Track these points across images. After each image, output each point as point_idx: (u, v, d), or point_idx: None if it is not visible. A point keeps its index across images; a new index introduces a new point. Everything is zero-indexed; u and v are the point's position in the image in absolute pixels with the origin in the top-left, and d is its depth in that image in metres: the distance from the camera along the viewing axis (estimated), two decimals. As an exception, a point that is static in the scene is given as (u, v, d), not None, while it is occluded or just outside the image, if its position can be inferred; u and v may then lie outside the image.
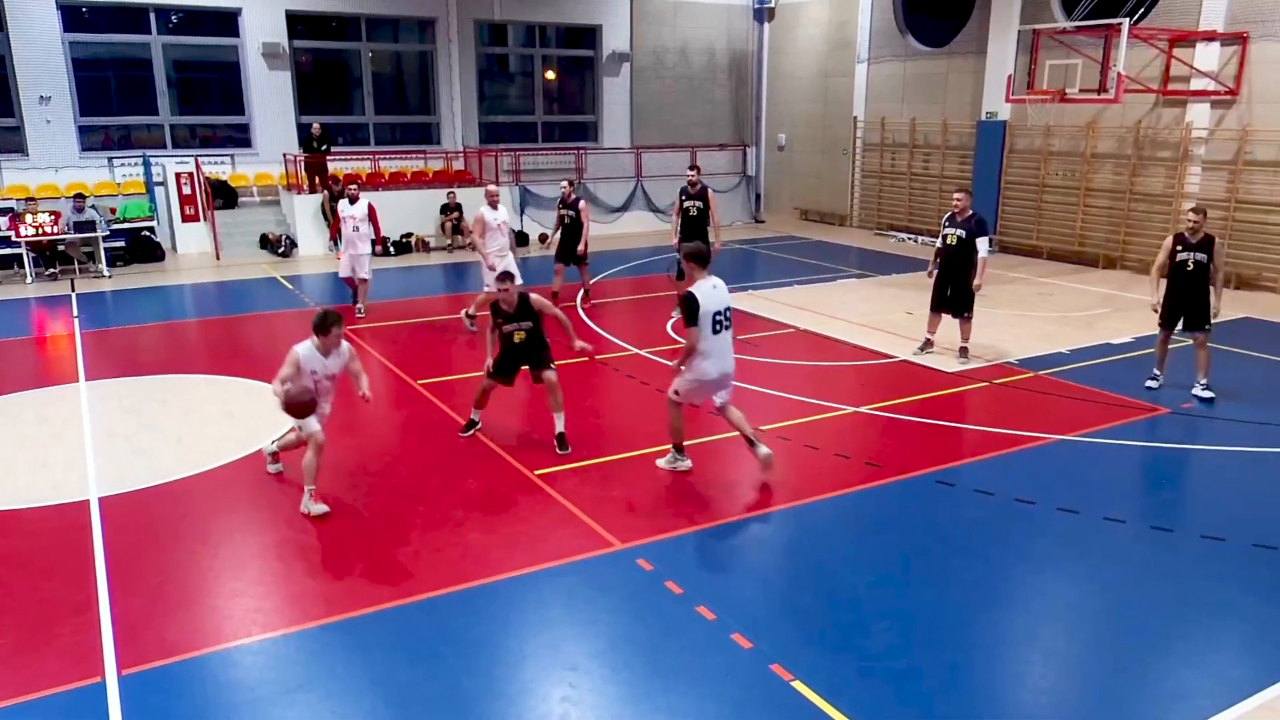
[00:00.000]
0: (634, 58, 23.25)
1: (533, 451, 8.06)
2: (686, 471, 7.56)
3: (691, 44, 23.88)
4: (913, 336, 11.55)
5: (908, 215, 21.14)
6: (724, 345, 7.17)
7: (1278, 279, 14.81)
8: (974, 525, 6.74)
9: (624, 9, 22.98)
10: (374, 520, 6.79)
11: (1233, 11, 15.00)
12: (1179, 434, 8.66)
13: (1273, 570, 6.08)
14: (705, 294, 6.99)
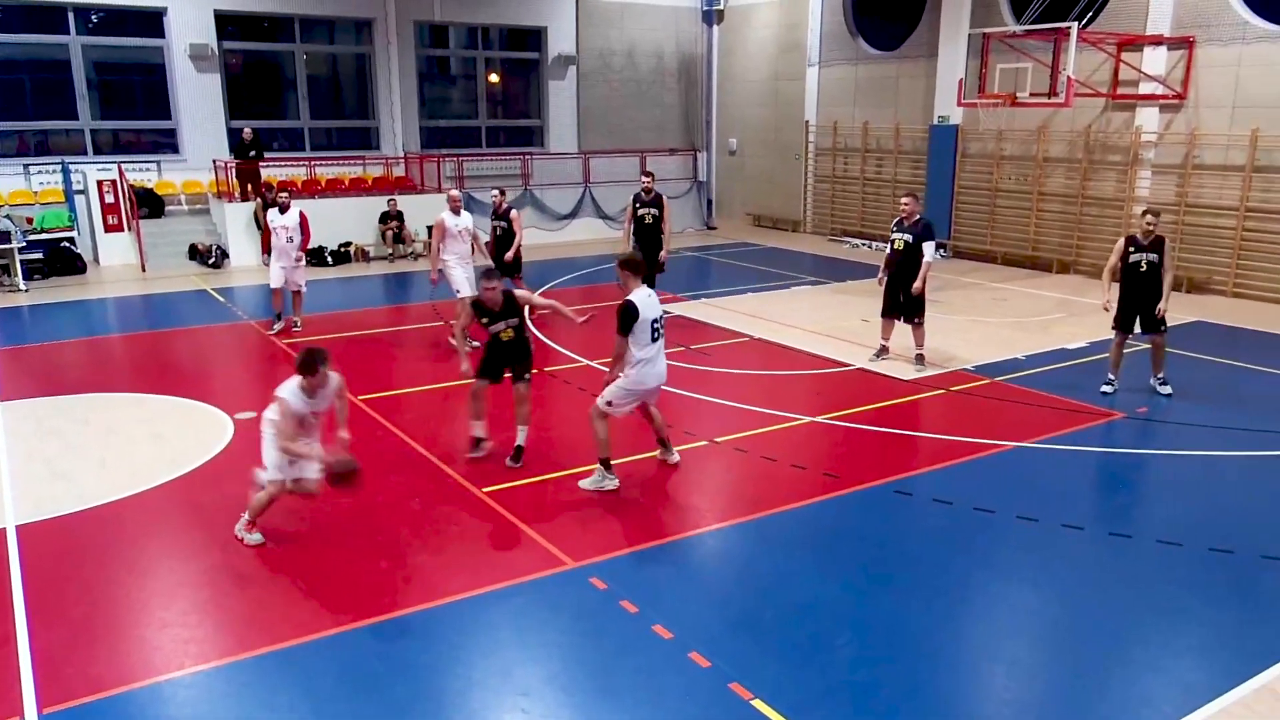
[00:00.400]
0: (580, 60, 23.29)
1: (480, 467, 7.99)
2: (615, 491, 7.51)
3: (639, 46, 24.00)
4: (869, 344, 11.70)
5: (861, 220, 21.43)
6: (661, 353, 7.43)
7: (1228, 282, 15.28)
8: (934, 535, 6.83)
9: (569, 10, 23.03)
10: (313, 543, 6.67)
11: (1178, 16, 15.49)
12: (1134, 439, 8.88)
13: (1228, 574, 6.25)
14: (642, 302, 7.18)
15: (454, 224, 11.84)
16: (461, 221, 11.88)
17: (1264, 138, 14.57)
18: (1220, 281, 15.37)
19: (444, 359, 11.62)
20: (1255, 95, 14.70)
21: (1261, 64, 14.61)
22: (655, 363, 7.37)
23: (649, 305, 7.24)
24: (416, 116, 21.87)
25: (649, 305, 7.24)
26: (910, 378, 10.58)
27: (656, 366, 7.39)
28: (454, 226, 11.83)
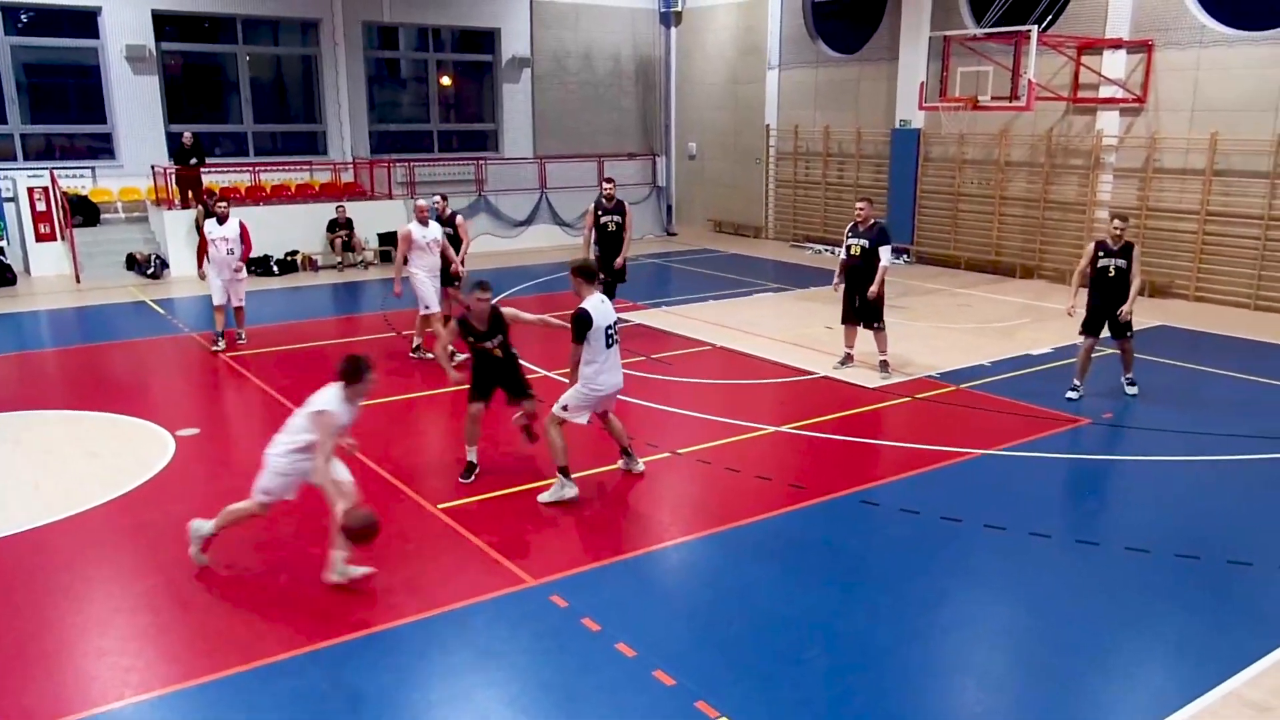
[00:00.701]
0: (535, 63, 23.28)
1: (435, 483, 7.92)
2: (574, 499, 7.51)
3: (596, 48, 24.05)
4: (833, 351, 11.79)
5: (824, 226, 21.62)
6: (617, 359, 7.54)
7: (1189, 286, 15.63)
8: (902, 545, 6.88)
9: (523, 12, 23.02)
10: (260, 564, 6.56)
11: (1137, 19, 15.85)
12: (1101, 445, 9.03)
13: (1195, 580, 6.37)
14: (596, 309, 7.34)
15: (421, 235, 11.47)
16: (430, 233, 11.53)
17: (1223, 141, 14.93)
18: (1182, 286, 15.70)
19: (396, 372, 11.52)
20: (1214, 99, 15.07)
21: (1219, 68, 14.99)
22: (611, 369, 7.49)
23: (603, 312, 7.38)
24: (365, 120, 21.71)
25: (603, 312, 7.38)
26: (875, 385, 10.67)
27: (613, 373, 7.52)
28: (422, 238, 11.46)
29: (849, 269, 10.94)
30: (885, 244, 10.73)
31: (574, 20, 23.67)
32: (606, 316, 7.39)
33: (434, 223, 11.75)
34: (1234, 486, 8.04)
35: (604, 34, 24.12)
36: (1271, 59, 14.40)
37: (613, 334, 7.42)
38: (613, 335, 7.42)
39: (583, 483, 7.85)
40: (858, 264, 10.82)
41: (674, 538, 7.01)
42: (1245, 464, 8.44)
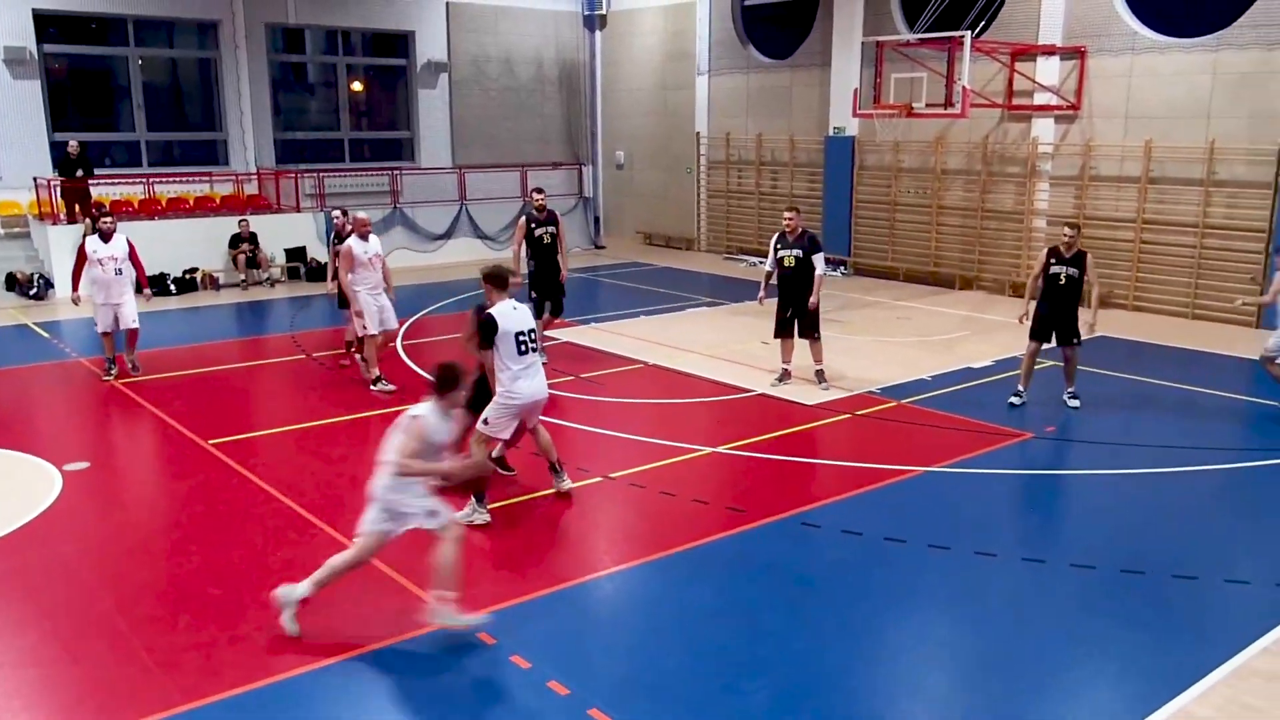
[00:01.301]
0: (452, 67, 23.19)
1: (349, 514, 7.77)
2: (485, 526, 7.50)
3: (517, 53, 24.06)
4: (770, 367, 11.90)
5: (758, 237, 21.86)
6: (531, 368, 7.60)
7: (1128, 295, 16.16)
8: (844, 569, 6.96)
9: (438, 14, 22.93)
10: (158, 608, 6.36)
11: (1069, 25, 16.41)
12: (1044, 459, 9.27)
13: (1141, 595, 6.56)
14: (504, 314, 7.48)
15: (363, 250, 11.14)
16: (371, 247, 11.24)
17: (1157, 149, 15.51)
18: (1121, 295, 16.23)
19: (308, 396, 11.33)
20: (1147, 106, 15.66)
21: (1151, 74, 15.59)
22: (528, 377, 7.56)
23: (511, 317, 7.50)
24: (270, 128, 21.36)
25: (511, 317, 7.50)
26: (814, 402, 10.81)
27: (530, 381, 7.57)
28: (364, 253, 11.14)
29: (782, 280, 11.12)
30: (818, 252, 11.00)
31: (493, 23, 23.65)
32: (517, 322, 7.50)
33: (374, 237, 11.46)
34: (1176, 498, 8.31)
35: (525, 37, 24.14)
36: (1201, 66, 15.02)
37: (526, 340, 7.51)
38: (526, 342, 7.52)
39: (509, 510, 7.80)
40: (790, 275, 11.01)
41: (608, 566, 6.98)
42: (1187, 475, 8.74)
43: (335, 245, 12.58)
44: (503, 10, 23.66)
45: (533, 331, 7.61)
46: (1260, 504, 8.43)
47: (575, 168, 24.91)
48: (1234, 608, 6.45)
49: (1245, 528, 7.89)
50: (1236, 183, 14.85)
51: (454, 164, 23.19)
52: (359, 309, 11.18)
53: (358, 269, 11.12)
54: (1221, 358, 13.04)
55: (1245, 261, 14.74)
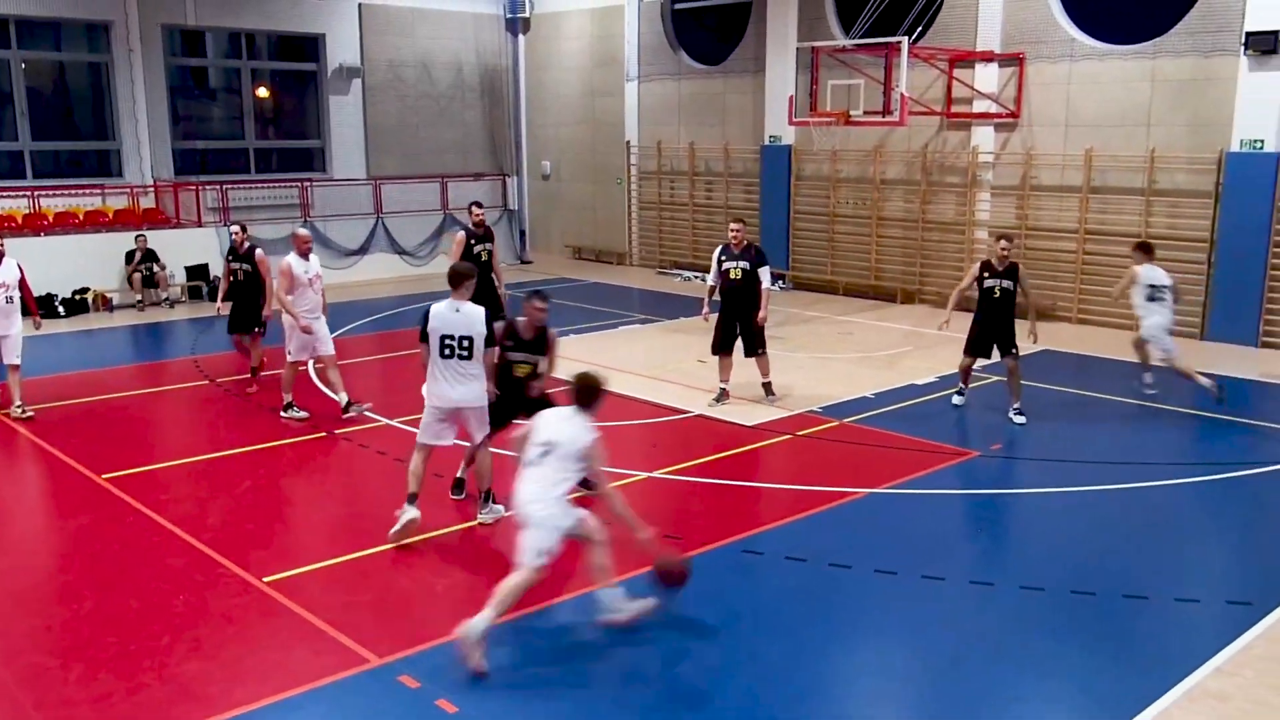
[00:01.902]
0: (366, 72, 23.00)
1: (260, 552, 7.62)
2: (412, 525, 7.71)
3: (435, 57, 23.95)
4: (707, 387, 11.96)
5: (693, 251, 22.02)
6: (450, 373, 7.75)
7: (1072, 308, 16.59)
8: (788, 597, 7.00)
9: (351, 16, 22.73)
10: (47, 660, 6.15)
11: (1007, 31, 16.87)
12: (991, 478, 9.44)
13: (1092, 617, 6.71)
14: (438, 313, 7.74)
15: (303, 270, 10.84)
16: (312, 267, 10.98)
17: (1098, 157, 15.99)
18: (1064, 308, 16.66)
19: (212, 425, 11.10)
20: (1087, 114, 16.14)
21: (1090, 81, 16.08)
22: (444, 381, 7.76)
23: (444, 318, 7.70)
24: (168, 137, 20.93)
25: (444, 318, 7.70)
26: (754, 423, 10.88)
27: (441, 384, 7.78)
28: (303, 273, 10.84)
29: (727, 293, 11.26)
30: (765, 265, 11.23)
31: (409, 26, 23.52)
32: (447, 324, 7.68)
33: (313, 256, 11.15)
34: (1125, 515, 8.53)
35: (444, 41, 24.05)
36: (1140, 73, 15.55)
37: (451, 345, 7.66)
38: (451, 347, 7.66)
39: (436, 544, 7.76)
40: (736, 288, 11.15)
41: (539, 601, 6.92)
42: (1134, 491, 8.97)
43: (230, 262, 12.31)
44: (419, 12, 23.55)
45: (465, 339, 7.66)
46: (1208, 519, 8.70)
47: (499, 178, 24.84)
48: (1185, 627, 6.63)
49: (1194, 544, 8.12)
50: (1177, 192, 15.37)
51: (369, 175, 22.97)
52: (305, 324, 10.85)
53: (296, 290, 10.83)
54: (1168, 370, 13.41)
55: (1190, 273, 15.22)
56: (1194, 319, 15.20)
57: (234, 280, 12.20)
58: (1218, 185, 14.82)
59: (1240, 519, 8.69)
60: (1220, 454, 10.18)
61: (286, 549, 7.71)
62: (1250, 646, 6.22)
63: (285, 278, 10.81)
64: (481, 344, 7.76)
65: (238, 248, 12.15)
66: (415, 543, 7.74)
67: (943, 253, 18.25)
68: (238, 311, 12.22)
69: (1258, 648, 6.21)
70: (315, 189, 21.82)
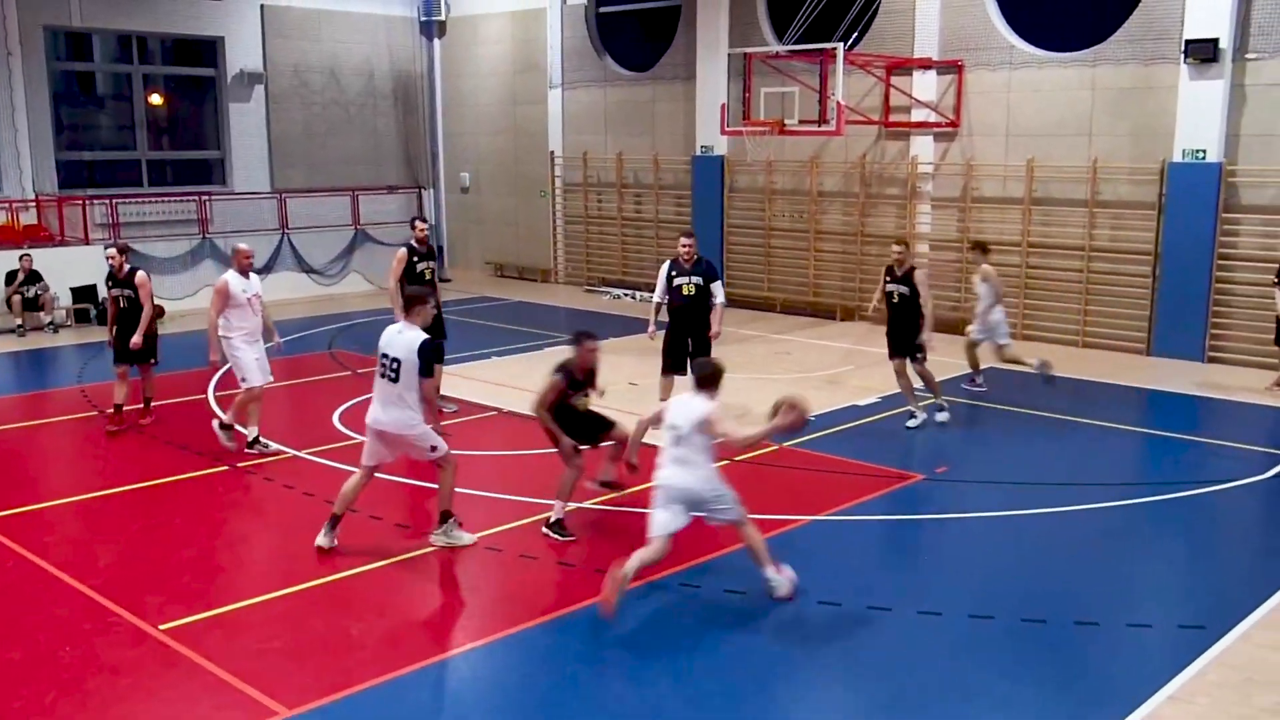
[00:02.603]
0: (269, 78, 22.73)
1: (156, 596, 7.44)
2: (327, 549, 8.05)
3: (344, 62, 23.77)
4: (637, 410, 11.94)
5: (622, 267, 22.08)
6: (379, 393, 8.11)
7: (1017, 324, 16.92)
8: (728, 633, 7.01)
9: (252, 18, 22.47)
10: (-83, 722, 5.92)
11: (945, 38, 17.26)
12: (936, 502, 9.58)
13: (1045, 646, 6.83)
14: (387, 332, 8.17)
15: (241, 289, 10.60)
16: (252, 285, 10.76)
17: (1040, 168, 16.40)
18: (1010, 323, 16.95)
19: (103, 457, 10.83)
20: (1027, 123, 16.56)
21: (1030, 90, 16.51)
22: (374, 399, 8.16)
23: (388, 338, 8.06)
24: (51, 148, 20.46)
25: (388, 338, 8.06)
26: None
27: (373, 405, 8.17)
28: (241, 292, 10.59)
29: (678, 310, 11.57)
30: (717, 280, 11.62)
31: (315, 29, 23.32)
32: (388, 344, 8.02)
33: (254, 275, 10.95)
34: (1075, 539, 8.71)
35: (353, 45, 23.89)
36: (1080, 82, 16.00)
37: (385, 364, 7.98)
38: (384, 365, 7.98)
39: (343, 585, 7.64)
40: (688, 305, 11.49)
41: (461, 644, 6.89)
42: (1084, 514, 9.16)
43: (110, 288, 11.92)
44: (326, 14, 23.37)
45: (394, 361, 7.93)
46: (1157, 540, 8.93)
47: (414, 191, 24.69)
48: (1138, 654, 6.78)
49: (1144, 567, 8.32)
50: (1121, 203, 15.82)
51: (273, 188, 22.67)
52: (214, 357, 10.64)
53: (232, 311, 10.58)
54: (1113, 387, 13.79)
55: (1133, 285, 15.66)
56: (1140, 334, 15.63)
57: (117, 306, 11.78)
58: (1161, 196, 15.27)
59: (1190, 539, 8.94)
60: (1169, 473, 10.46)
61: (186, 593, 7.53)
62: (1204, 672, 6.38)
63: (221, 297, 10.58)
64: (412, 369, 7.91)
65: (116, 272, 11.69)
66: (336, 579, 7.62)
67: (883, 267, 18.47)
68: (121, 339, 11.73)
69: (1212, 674, 6.37)
70: (214, 203, 21.46)
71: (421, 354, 7.91)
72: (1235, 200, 14.84)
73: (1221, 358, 14.98)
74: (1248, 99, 14.57)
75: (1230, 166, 14.72)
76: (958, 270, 17.34)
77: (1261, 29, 14.33)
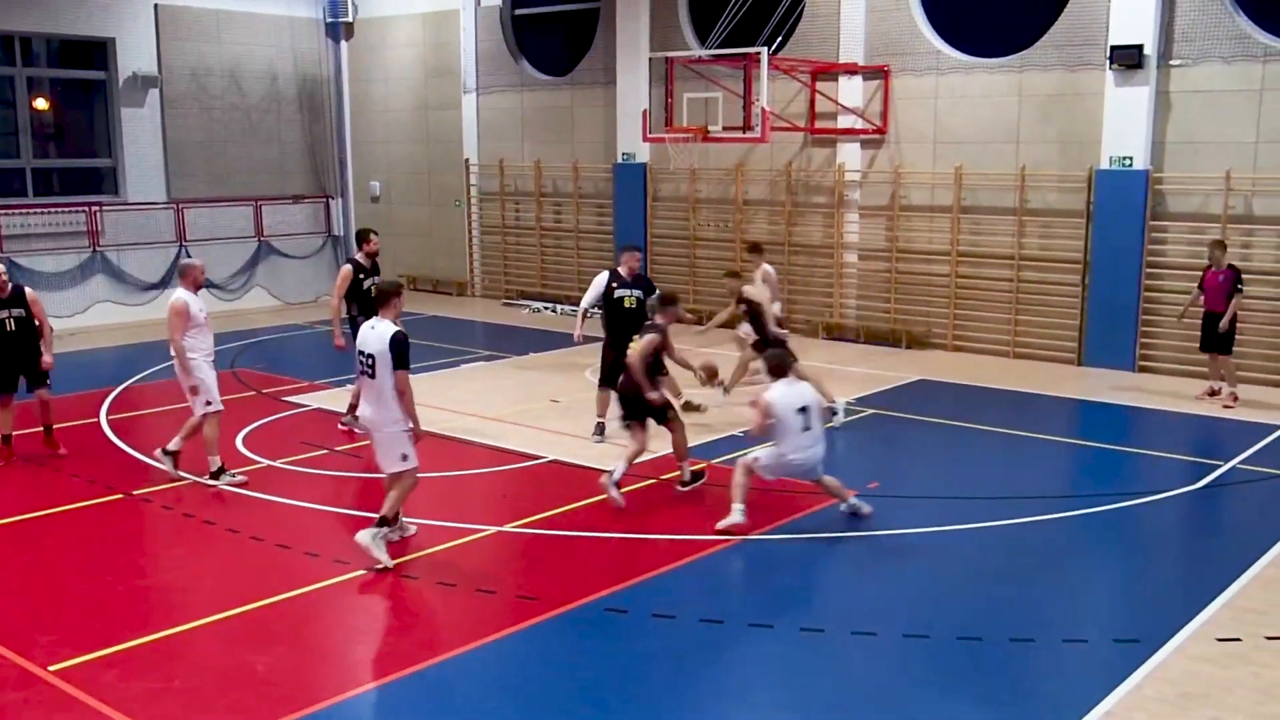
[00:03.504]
0: (164, 82, 22.30)
1: (45, 636, 7.23)
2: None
3: (245, 66, 23.42)
4: (561, 429, 11.96)
5: (542, 279, 22.04)
6: (364, 391, 8.62)
7: (946, 335, 17.25)
8: (657, 659, 7.01)
9: (145, 18, 22.03)
10: None
11: (871, 43, 17.54)
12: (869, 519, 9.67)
13: (982, 665, 6.94)
14: (362, 329, 8.61)
15: (199, 309, 10.46)
16: (203, 304, 10.61)
17: (968, 175, 16.73)
18: (939, 335, 17.31)
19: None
20: (954, 130, 16.89)
21: (957, 96, 16.85)
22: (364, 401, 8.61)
23: (364, 335, 8.48)
24: (-74, 156, 19.86)
25: (364, 335, 8.48)
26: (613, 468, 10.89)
27: (364, 405, 8.60)
28: (200, 312, 10.44)
29: (619, 323, 11.73)
30: (656, 293, 11.69)
31: (214, 30, 22.94)
32: (364, 342, 8.47)
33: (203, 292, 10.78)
34: (1009, 553, 8.88)
35: (255, 48, 23.55)
36: (1007, 88, 16.37)
37: (363, 361, 8.42)
38: (363, 363, 8.42)
39: (251, 618, 7.51)
40: (630, 317, 11.66)
41: (377, 678, 6.80)
42: (1017, 528, 9.34)
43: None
44: (226, 14, 23.01)
45: (369, 357, 8.33)
46: (1091, 553, 9.14)
47: (321, 201, 24.39)
48: (1074, 670, 6.91)
49: (1078, 581, 8.50)
50: (1050, 211, 16.20)
51: (169, 198, 22.22)
52: (194, 382, 10.35)
53: (192, 331, 10.38)
54: (1045, 398, 14.08)
55: (1063, 295, 16.03)
56: (1070, 344, 15.99)
57: (3, 330, 11.27)
58: (1089, 204, 15.67)
59: (1123, 551, 9.16)
60: (1101, 484, 10.71)
61: (78, 631, 7.32)
62: (1140, 686, 6.52)
63: (181, 318, 10.34)
64: (387, 363, 8.26)
65: (1, 291, 11.33)
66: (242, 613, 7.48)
67: (810, 277, 18.73)
68: (10, 367, 11.28)
69: (1148, 688, 6.52)
70: (106, 214, 20.97)
71: (393, 346, 8.23)
72: (1162, 208, 15.29)
73: (1152, 367, 15.38)
74: (1173, 106, 15.03)
75: (1157, 174, 15.16)
76: (887, 280, 17.60)
77: (1185, 35, 14.80)
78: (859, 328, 18.04)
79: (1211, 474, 10.72)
